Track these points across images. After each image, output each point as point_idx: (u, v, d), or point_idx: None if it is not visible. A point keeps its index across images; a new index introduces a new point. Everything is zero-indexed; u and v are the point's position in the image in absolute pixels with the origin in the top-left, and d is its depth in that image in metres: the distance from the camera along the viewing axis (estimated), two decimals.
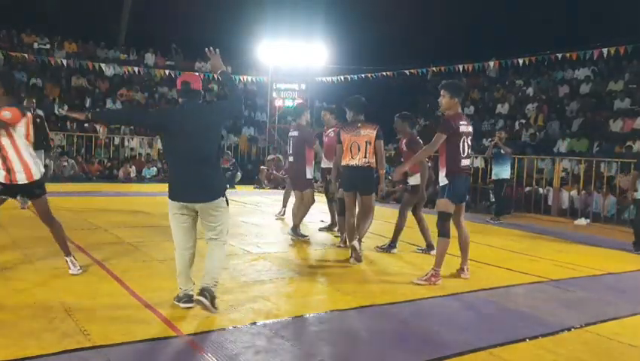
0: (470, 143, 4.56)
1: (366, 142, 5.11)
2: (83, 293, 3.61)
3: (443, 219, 4.46)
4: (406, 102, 19.59)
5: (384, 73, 16.51)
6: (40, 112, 8.24)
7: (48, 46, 17.28)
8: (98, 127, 14.81)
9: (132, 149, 15.19)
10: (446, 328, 3.30)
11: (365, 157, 5.09)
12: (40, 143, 7.79)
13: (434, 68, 16.37)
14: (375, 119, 5.46)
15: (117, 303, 3.46)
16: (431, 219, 5.39)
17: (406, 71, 16.30)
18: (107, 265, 4.42)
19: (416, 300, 3.90)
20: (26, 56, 15.84)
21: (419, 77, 17.10)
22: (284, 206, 8.04)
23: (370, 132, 5.14)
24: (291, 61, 16.40)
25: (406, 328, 3.32)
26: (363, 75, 16.92)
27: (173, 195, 3.25)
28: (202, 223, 3.31)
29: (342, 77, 17.40)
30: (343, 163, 5.23)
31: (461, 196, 4.57)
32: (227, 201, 3.31)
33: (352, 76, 17.17)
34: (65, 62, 16.45)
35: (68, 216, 7.13)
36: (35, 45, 17.10)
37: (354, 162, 5.13)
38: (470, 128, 4.61)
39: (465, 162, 4.51)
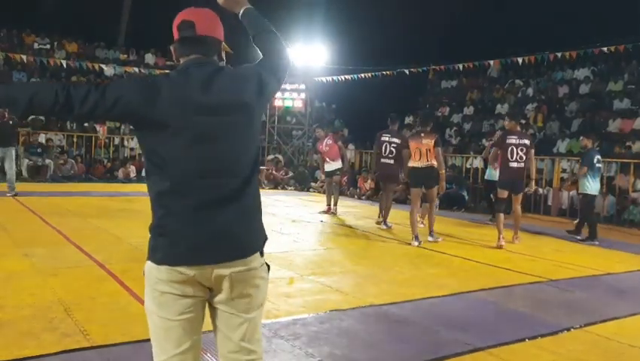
0: (519, 151, 6.34)
1: (427, 149, 6.30)
2: (82, 293, 3.61)
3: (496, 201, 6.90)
4: (406, 102, 19.62)
5: (384, 73, 16.51)
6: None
7: (48, 46, 17.29)
8: (98, 127, 14.85)
9: (131, 149, 15.20)
10: (445, 328, 3.31)
11: (427, 160, 6.31)
12: (10, 140, 9.12)
13: (434, 68, 16.36)
14: (375, 119, 5.57)
15: (117, 303, 3.46)
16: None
17: (406, 71, 16.30)
18: (107, 266, 4.42)
19: (415, 300, 3.90)
20: (24, 57, 15.84)
21: (419, 77, 17.10)
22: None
23: (429, 142, 6.30)
24: (291, 61, 16.40)
25: (406, 328, 3.32)
26: (362, 75, 16.92)
27: (171, 255, 1.58)
28: (218, 319, 1.64)
29: (342, 77, 17.40)
30: (411, 165, 6.51)
31: (508, 186, 6.53)
32: (267, 264, 1.70)
33: (352, 76, 17.17)
34: (64, 62, 16.46)
35: (68, 216, 7.13)
36: (35, 45, 17.12)
37: (418, 164, 6.35)
38: (521, 141, 6.39)
39: (513, 165, 6.39)
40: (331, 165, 8.85)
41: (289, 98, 16.56)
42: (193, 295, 1.57)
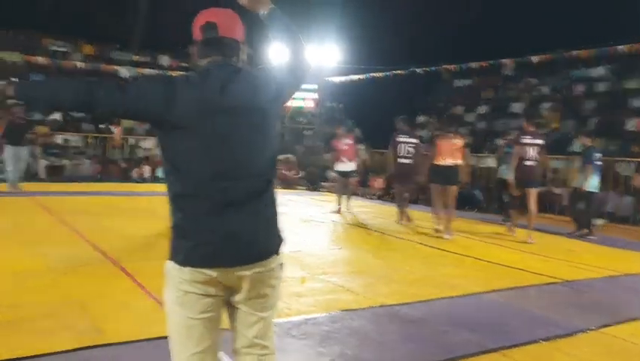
0: (532, 151, 6.77)
1: (456, 148, 6.69)
2: (98, 291, 3.66)
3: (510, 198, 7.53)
4: (419, 102, 19.51)
5: (395, 72, 16.42)
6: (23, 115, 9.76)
7: (65, 48, 17.58)
8: (113, 128, 15.03)
9: (145, 149, 15.37)
10: (457, 328, 3.29)
11: (454, 159, 6.69)
12: (23, 140, 9.40)
13: (446, 67, 16.23)
14: (386, 119, 5.61)
15: (132, 301, 3.50)
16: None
17: (419, 70, 16.19)
18: (121, 264, 4.47)
19: (427, 300, 3.88)
20: (39, 59, 16.08)
21: (432, 76, 16.99)
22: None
23: (459, 141, 6.77)
24: (311, 63, 16.39)
25: (417, 328, 3.31)
26: (374, 74, 16.86)
27: (193, 257, 1.57)
28: (234, 317, 1.71)
29: (354, 77, 17.37)
30: (437, 163, 6.75)
31: (523, 183, 6.84)
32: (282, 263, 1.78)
33: (364, 75, 17.12)
34: (81, 65, 16.70)
35: (83, 215, 7.23)
36: (53, 47, 17.42)
37: (446, 163, 6.67)
38: (535, 141, 6.85)
39: (528, 163, 6.78)
40: (348, 165, 8.89)
41: (300, 98, 16.58)
42: (214, 295, 1.61)
